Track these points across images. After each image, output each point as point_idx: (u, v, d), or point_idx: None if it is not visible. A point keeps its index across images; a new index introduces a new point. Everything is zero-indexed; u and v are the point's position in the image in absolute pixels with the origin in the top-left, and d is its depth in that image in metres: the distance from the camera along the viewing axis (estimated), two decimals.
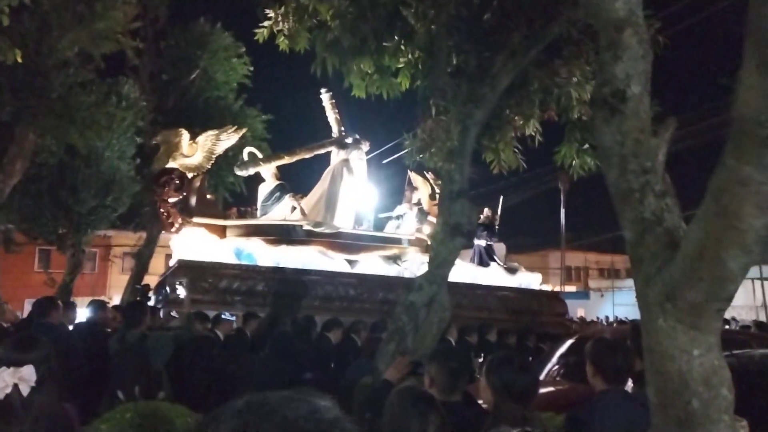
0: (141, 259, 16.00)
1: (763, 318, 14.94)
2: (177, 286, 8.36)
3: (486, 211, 12.09)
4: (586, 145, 6.40)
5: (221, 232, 10.09)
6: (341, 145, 11.44)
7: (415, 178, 12.02)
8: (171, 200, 9.72)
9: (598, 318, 22.91)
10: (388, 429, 2.00)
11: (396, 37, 5.71)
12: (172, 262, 10.08)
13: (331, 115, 11.69)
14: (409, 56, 6.07)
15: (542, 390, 4.99)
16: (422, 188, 12.13)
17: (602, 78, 2.18)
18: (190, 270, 8.61)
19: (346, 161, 11.28)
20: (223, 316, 6.77)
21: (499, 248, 12.29)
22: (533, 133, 6.44)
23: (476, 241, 11.83)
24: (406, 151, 7.15)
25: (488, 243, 11.88)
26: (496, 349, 6.02)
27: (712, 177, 1.75)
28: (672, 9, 11.00)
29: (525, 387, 2.38)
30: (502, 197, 12.61)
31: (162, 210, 9.91)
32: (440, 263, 4.54)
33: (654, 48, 5.38)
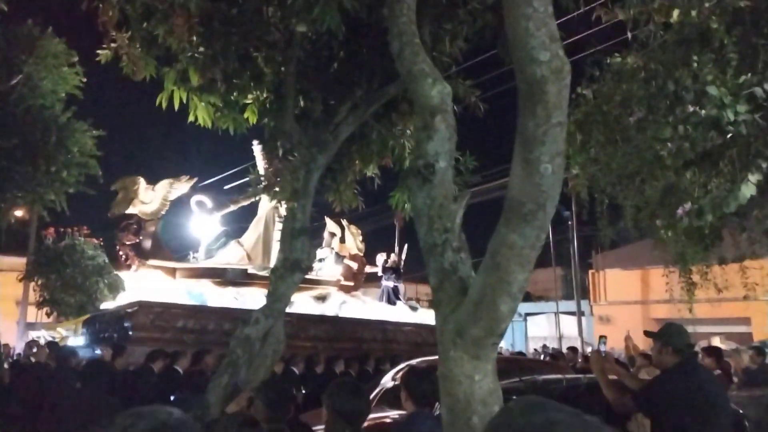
0: None
1: (567, 345, 17.17)
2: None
3: (393, 256, 13.98)
4: None
5: (172, 273, 11.18)
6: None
7: (330, 223, 13.48)
8: (128, 243, 11.10)
9: None
10: None
11: (245, 77, 5.92)
12: (123, 300, 10.67)
13: (262, 166, 12.77)
14: (258, 93, 6.31)
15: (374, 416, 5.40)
16: (337, 233, 13.72)
17: (417, 152, 2.66)
18: (150, 309, 9.21)
19: (276, 208, 12.28)
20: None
21: (402, 288, 14.08)
22: (373, 176, 7.02)
23: (384, 282, 13.54)
24: (247, 179, 7.33)
25: (395, 284, 13.52)
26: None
27: (490, 240, 2.27)
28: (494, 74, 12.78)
29: (355, 409, 2.71)
30: (406, 245, 14.54)
31: (121, 252, 11.24)
32: (278, 297, 4.76)
33: (476, 112, 6.30)
